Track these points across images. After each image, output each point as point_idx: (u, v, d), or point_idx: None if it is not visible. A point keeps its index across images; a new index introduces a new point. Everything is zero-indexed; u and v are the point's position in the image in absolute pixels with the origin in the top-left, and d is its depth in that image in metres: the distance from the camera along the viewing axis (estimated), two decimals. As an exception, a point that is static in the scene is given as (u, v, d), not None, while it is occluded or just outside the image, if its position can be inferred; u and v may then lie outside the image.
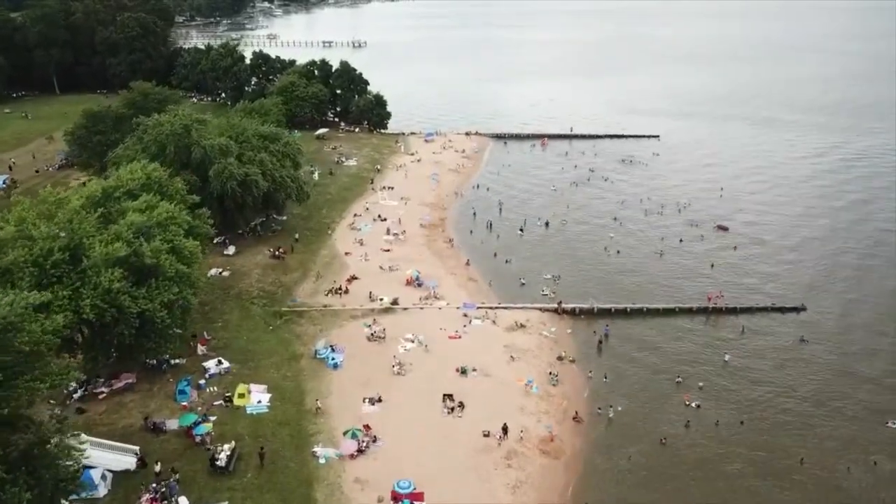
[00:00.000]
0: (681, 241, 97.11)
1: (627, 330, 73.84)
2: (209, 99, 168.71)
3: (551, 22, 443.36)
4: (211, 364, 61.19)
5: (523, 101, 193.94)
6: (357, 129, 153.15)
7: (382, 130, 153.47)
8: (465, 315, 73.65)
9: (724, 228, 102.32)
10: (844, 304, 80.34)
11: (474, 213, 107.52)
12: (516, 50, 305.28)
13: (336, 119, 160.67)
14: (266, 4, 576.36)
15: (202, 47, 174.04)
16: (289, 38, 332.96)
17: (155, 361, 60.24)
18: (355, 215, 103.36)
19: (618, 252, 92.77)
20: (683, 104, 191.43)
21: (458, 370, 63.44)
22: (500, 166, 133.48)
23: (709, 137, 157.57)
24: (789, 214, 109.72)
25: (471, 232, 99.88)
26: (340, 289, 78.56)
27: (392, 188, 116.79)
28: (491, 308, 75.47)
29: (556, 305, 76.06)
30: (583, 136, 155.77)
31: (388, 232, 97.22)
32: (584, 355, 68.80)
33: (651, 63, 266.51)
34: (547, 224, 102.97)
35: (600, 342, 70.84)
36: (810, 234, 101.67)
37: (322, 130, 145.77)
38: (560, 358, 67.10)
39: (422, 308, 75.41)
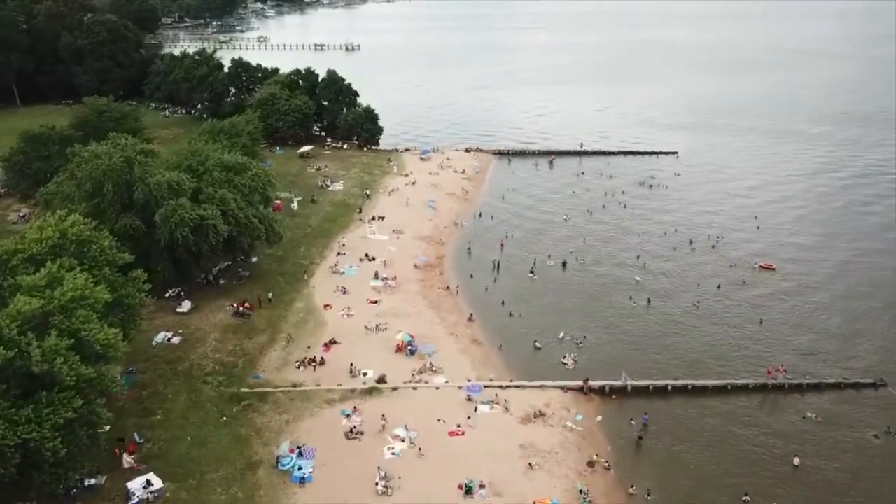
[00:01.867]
0: (719, 286, 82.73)
1: (670, 416, 59.45)
2: (183, 111, 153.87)
3: (553, 24, 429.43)
4: (137, 486, 46.60)
5: (526, 111, 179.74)
6: (345, 146, 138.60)
7: (374, 147, 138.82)
8: (470, 399, 59.17)
9: (770, 268, 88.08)
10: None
11: (469, 251, 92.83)
12: (517, 54, 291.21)
13: (323, 133, 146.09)
14: (258, 5, 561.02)
15: (177, 54, 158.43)
16: (280, 41, 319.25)
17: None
18: (339, 254, 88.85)
19: (648, 302, 78.25)
20: (699, 115, 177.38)
21: (460, 487, 49.00)
22: (504, 189, 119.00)
23: (731, 154, 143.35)
24: (840, 248, 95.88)
25: (471, 276, 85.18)
26: (315, 360, 64.03)
27: (382, 218, 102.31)
28: (501, 387, 60.96)
29: (581, 383, 61.61)
30: (594, 153, 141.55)
31: (376, 276, 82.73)
32: (620, 457, 54.34)
33: (661, 69, 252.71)
34: (564, 264, 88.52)
35: (640, 438, 56.35)
36: (870, 273, 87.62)
37: (306, 148, 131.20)
38: (591, 464, 52.63)
39: (414, 388, 60.91)
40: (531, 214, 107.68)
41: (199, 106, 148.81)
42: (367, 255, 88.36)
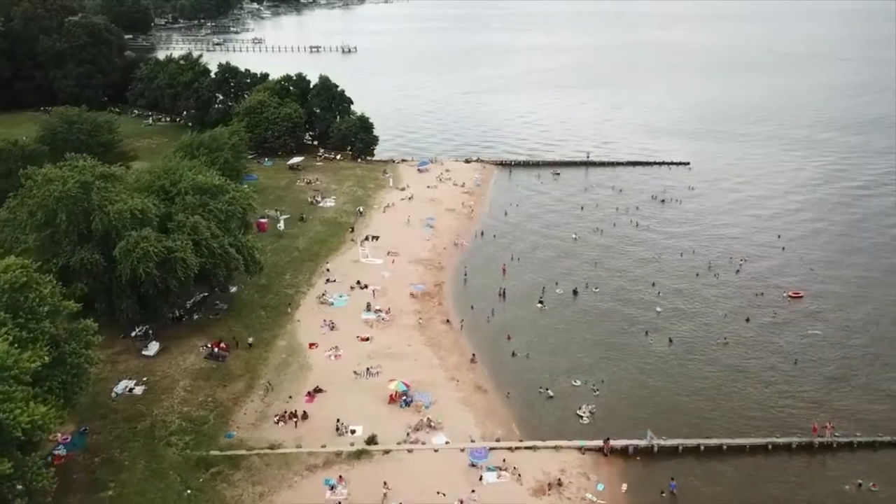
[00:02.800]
0: (748, 320, 74.86)
1: (703, 482, 51.59)
2: (167, 119, 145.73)
3: (553, 25, 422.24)
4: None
5: (527, 118, 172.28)
6: (339, 157, 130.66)
7: (369, 158, 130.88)
8: (474, 465, 51.29)
9: (798, 296, 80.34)
10: None
11: (468, 278, 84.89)
12: (516, 57, 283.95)
13: (315, 142, 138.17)
14: (254, 6, 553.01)
15: (162, 58, 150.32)
16: (275, 43, 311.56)
17: None
18: (328, 281, 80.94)
19: (669, 342, 70.29)
20: (706, 121, 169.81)
21: (465, 584, 41.19)
22: (507, 204, 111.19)
23: (743, 164, 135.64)
24: (863, 266, 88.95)
25: (472, 307, 77.13)
26: (296, 414, 56.13)
27: (377, 238, 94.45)
28: (510, 449, 53.10)
29: (601, 443, 53.75)
30: (601, 164, 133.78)
31: (368, 308, 74.84)
32: (650, 538, 46.58)
33: (663, 72, 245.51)
34: (575, 293, 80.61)
35: (671, 512, 48.64)
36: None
37: (296, 159, 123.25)
38: (617, 550, 44.84)
39: (409, 450, 52.98)
40: (537, 233, 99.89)
41: (185, 113, 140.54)
42: (358, 282, 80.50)
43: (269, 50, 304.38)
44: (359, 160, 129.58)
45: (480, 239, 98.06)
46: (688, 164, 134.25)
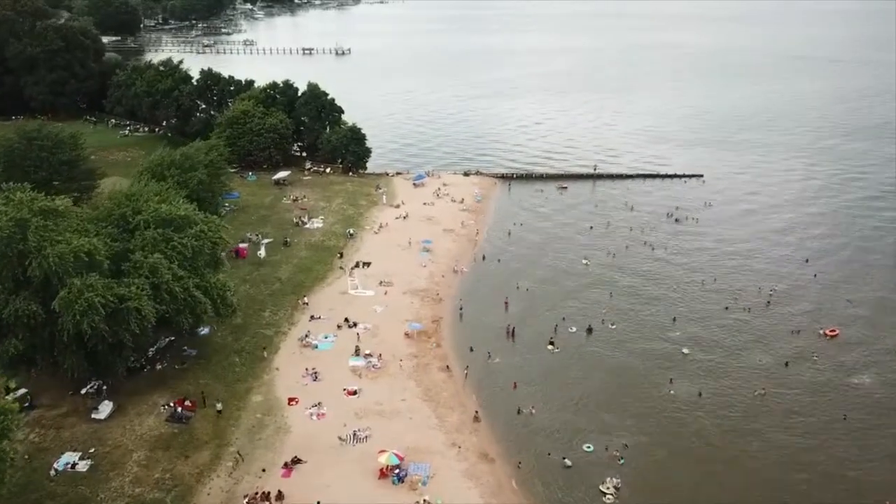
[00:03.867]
0: (786, 364, 66.40)
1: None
2: (146, 129, 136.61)
3: (548, 26, 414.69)
4: None
5: (527, 126, 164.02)
6: (328, 170, 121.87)
7: (361, 171, 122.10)
8: (480, 568, 42.68)
9: (834, 334, 71.93)
10: None
11: (462, 312, 76.24)
12: (514, 59, 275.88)
13: (303, 154, 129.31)
14: (247, 6, 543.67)
15: (141, 64, 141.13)
16: (266, 45, 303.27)
17: None
18: (312, 318, 72.28)
19: (699, 395, 61.62)
20: (717, 129, 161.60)
21: None
22: (510, 223, 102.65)
23: (759, 176, 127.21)
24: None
25: (470, 349, 68.35)
26: (268, 497, 47.39)
27: (368, 265, 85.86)
28: (522, 544, 44.52)
29: (631, 534, 45.18)
30: (609, 177, 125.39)
31: (357, 352, 66.21)
32: None
33: (667, 76, 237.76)
34: (589, 330, 72.04)
35: None
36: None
37: (282, 174, 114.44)
38: None
39: (404, 546, 44.37)
40: (544, 257, 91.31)
41: (165, 123, 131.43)
42: (346, 319, 71.83)
43: (260, 52, 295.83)
44: (350, 174, 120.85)
45: (482, 264, 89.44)
46: (701, 176, 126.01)
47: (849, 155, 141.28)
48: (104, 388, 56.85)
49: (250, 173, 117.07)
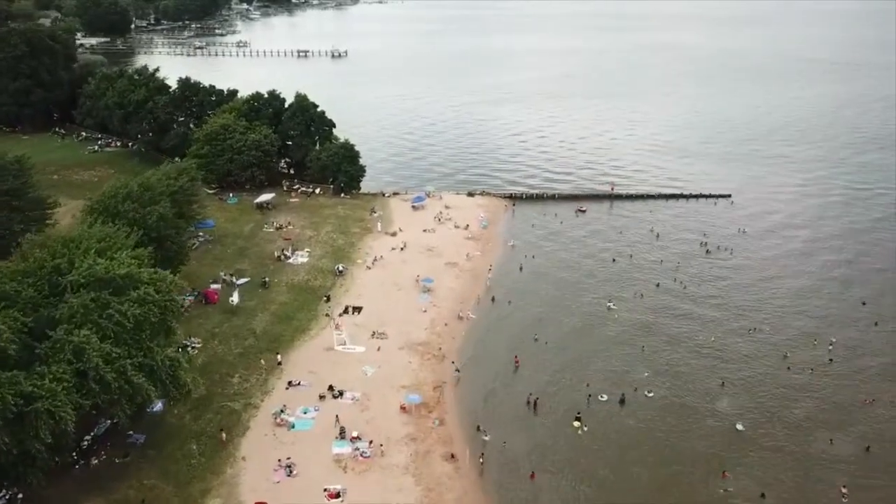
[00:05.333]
0: (868, 449, 54.52)
1: None
2: (118, 144, 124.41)
3: (552, 27, 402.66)
4: None
5: (534, 137, 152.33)
6: (318, 191, 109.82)
7: (354, 191, 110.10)
8: None
9: (916, 405, 60.19)
10: None
11: (471, 376, 64.47)
12: (517, 62, 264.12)
13: (290, 171, 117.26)
14: (243, 6, 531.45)
15: (113, 72, 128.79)
16: (260, 47, 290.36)
17: None
18: (290, 384, 60.41)
19: (762, 497, 49.61)
20: (740, 141, 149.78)
21: None
22: (522, 255, 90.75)
23: (800, 199, 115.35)
24: None
25: (478, 428, 56.43)
26: None
27: (359, 311, 73.99)
28: None
29: None
30: (628, 197, 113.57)
31: (341, 434, 54.37)
32: None
33: (679, 81, 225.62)
34: (622, 401, 60.15)
35: None
36: None
37: (265, 197, 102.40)
38: None
39: None
40: (561, 298, 79.36)
41: (139, 138, 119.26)
42: (331, 388, 59.97)
43: (253, 54, 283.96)
44: (342, 195, 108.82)
45: (490, 308, 77.47)
46: (728, 196, 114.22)
47: (883, 169, 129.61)
48: (19, 497, 44.85)
49: (231, 195, 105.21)
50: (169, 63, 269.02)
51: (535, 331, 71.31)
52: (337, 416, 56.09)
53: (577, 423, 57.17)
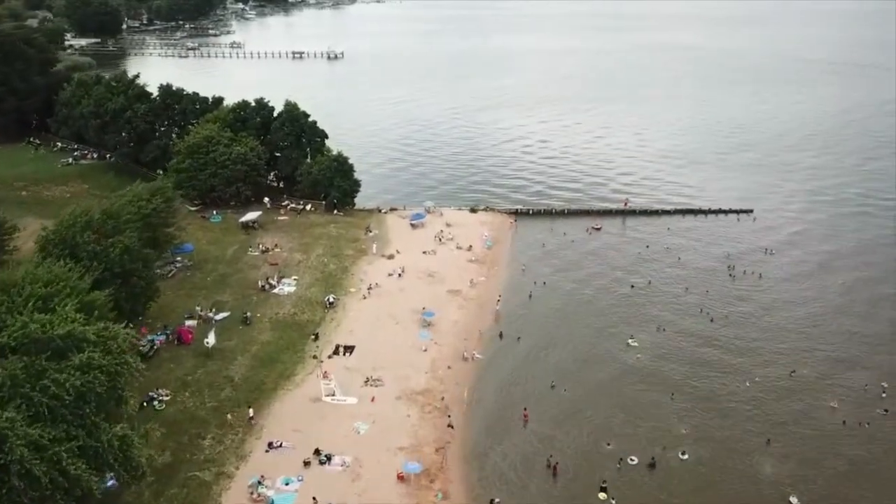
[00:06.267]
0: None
1: None
2: (94, 156, 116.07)
3: (551, 27, 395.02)
4: None
5: (537, 144, 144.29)
6: (309, 207, 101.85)
7: (348, 207, 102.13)
8: None
9: None
10: None
11: (480, 436, 56.50)
12: (517, 63, 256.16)
13: (280, 185, 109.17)
14: (239, 6, 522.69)
15: (90, 77, 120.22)
16: (255, 48, 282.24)
17: None
18: (270, 446, 52.47)
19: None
20: (754, 149, 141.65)
21: None
22: (531, 282, 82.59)
23: (830, 216, 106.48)
24: None
25: (490, 503, 48.53)
26: None
27: (350, 351, 66.06)
28: None
29: None
30: (643, 213, 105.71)
31: (330, 511, 46.32)
32: None
33: (686, 83, 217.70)
34: (652, 464, 52.16)
35: None
36: None
37: (251, 215, 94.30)
38: None
39: None
40: (578, 332, 71.48)
41: (117, 149, 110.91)
42: (317, 451, 51.96)
43: (247, 55, 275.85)
44: (335, 211, 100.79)
45: (498, 345, 69.52)
46: (750, 212, 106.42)
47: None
48: None
49: (214, 212, 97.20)
50: (160, 65, 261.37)
51: (550, 375, 63.38)
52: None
53: (602, 496, 49.21)
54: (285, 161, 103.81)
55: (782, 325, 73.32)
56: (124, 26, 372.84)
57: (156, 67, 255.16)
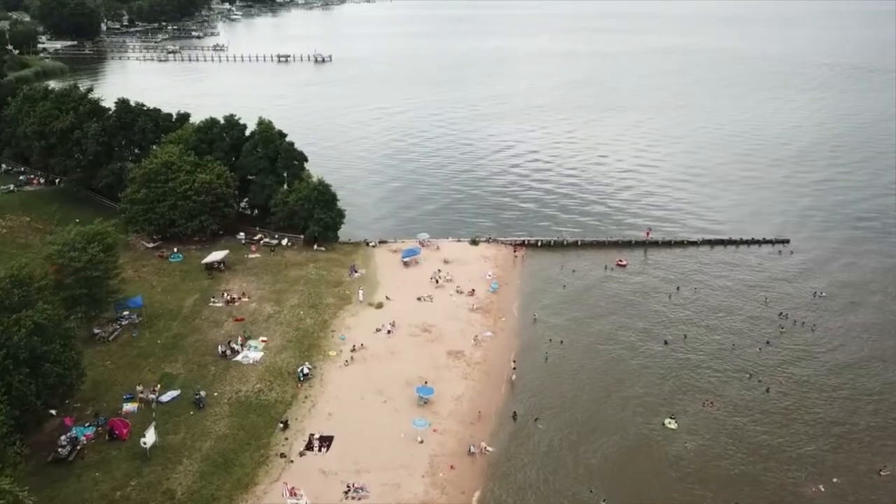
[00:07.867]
0: None
1: None
2: (41, 181, 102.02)
3: (547, 28, 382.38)
4: None
5: (542, 162, 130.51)
6: (285, 241, 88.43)
7: (330, 241, 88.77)
8: None
9: None
10: None
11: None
12: (515, 69, 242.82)
13: (253, 213, 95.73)
14: (225, 6, 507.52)
15: (34, 91, 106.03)
16: (238, 52, 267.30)
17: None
18: None
19: None
20: (793, 166, 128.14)
21: None
22: (546, 339, 69.48)
23: (878, 248, 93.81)
24: None
25: None
26: None
27: (328, 445, 52.70)
28: None
29: None
30: (666, 244, 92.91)
31: None
32: None
33: (700, 90, 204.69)
34: None
35: None
36: None
37: (216, 255, 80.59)
38: None
39: None
40: (605, 409, 58.48)
41: (66, 175, 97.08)
42: None
43: (230, 59, 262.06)
44: (315, 246, 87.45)
45: (512, 430, 56.46)
46: (787, 242, 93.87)
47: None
48: None
49: (175, 250, 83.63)
50: (137, 70, 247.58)
51: (582, 476, 50.31)
52: None
53: None
54: (258, 189, 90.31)
55: (855, 396, 60.63)
56: (103, 28, 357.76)
57: (133, 72, 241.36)
